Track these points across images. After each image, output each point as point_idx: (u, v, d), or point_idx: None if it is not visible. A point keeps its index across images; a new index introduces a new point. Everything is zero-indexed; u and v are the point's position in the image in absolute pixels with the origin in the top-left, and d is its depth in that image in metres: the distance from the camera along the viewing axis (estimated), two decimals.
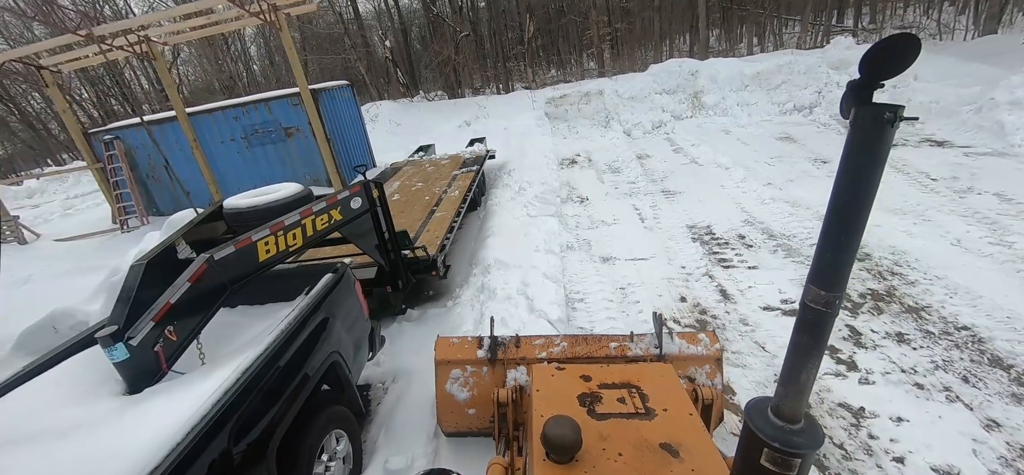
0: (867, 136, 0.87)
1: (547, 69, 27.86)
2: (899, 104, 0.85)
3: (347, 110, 9.79)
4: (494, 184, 9.17)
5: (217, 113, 8.63)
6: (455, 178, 7.48)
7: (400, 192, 7.04)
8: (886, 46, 0.83)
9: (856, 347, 3.67)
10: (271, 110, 8.54)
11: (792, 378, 1.02)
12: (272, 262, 3.00)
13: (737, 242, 5.66)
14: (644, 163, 9.91)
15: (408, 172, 8.43)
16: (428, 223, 5.45)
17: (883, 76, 0.86)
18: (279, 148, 8.84)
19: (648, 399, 2.04)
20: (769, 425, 1.04)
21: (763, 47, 21.84)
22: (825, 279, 0.95)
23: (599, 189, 8.52)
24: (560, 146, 12.54)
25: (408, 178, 7.92)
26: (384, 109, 19.20)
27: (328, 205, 3.42)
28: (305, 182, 9.51)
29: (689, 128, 12.53)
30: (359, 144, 10.24)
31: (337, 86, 9.36)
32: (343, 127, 9.47)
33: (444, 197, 6.45)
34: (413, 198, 6.65)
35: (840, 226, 0.94)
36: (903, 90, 12.19)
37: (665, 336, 2.77)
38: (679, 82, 14.28)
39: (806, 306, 0.98)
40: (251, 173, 9.05)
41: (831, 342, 3.74)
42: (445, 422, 2.99)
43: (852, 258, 0.95)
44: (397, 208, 6.27)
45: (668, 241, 5.96)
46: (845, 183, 0.92)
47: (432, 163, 8.88)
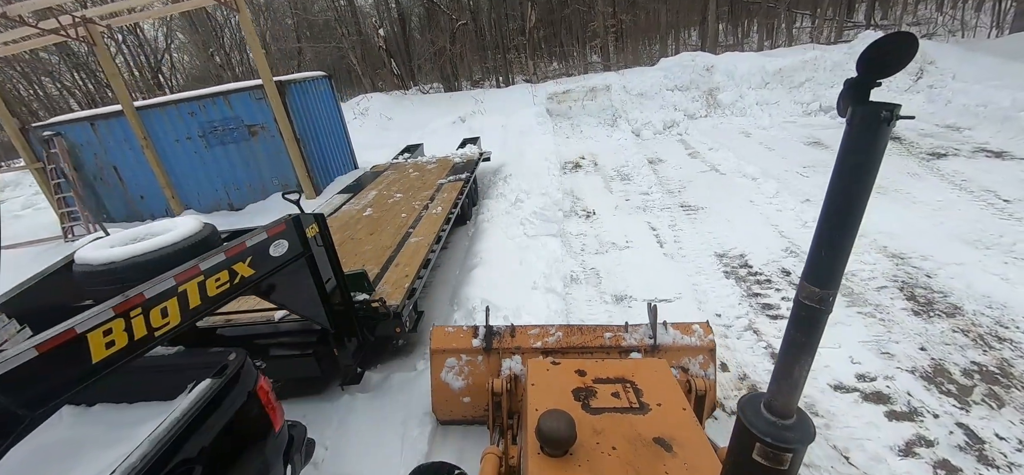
0: (863, 134, 0.86)
1: (549, 62, 26.65)
2: (895, 103, 0.82)
3: (324, 105, 8.68)
4: (488, 192, 8.08)
5: (169, 108, 7.51)
6: (441, 188, 6.40)
7: (374, 206, 5.96)
8: (883, 45, 0.81)
9: (982, 465, 2.61)
10: (231, 105, 7.44)
11: (785, 374, 1.02)
12: (119, 360, 1.93)
13: (781, 280, 4.59)
14: (657, 169, 8.82)
15: (388, 178, 7.34)
16: (400, 253, 4.37)
17: (880, 74, 0.84)
18: (242, 148, 7.76)
19: (642, 394, 2.05)
20: (761, 420, 1.05)
21: (773, 42, 20.71)
22: (820, 276, 0.95)
23: (607, 201, 7.43)
24: (562, 147, 11.43)
25: (387, 187, 6.83)
26: (375, 102, 18.06)
27: (229, 257, 2.34)
28: (274, 188, 8.46)
29: (704, 129, 11.42)
30: (338, 143, 9.15)
31: (310, 77, 8.25)
32: (318, 124, 8.37)
33: (425, 214, 5.38)
34: (388, 215, 5.57)
35: (836, 224, 0.92)
36: (940, 90, 11.10)
37: (659, 327, 2.78)
38: (692, 78, 13.15)
39: (800, 303, 0.99)
40: (211, 176, 7.97)
41: (945, 456, 2.68)
42: (440, 410, 3.01)
43: (847, 255, 0.93)
44: (366, 228, 5.19)
45: (695, 275, 4.89)
46: (841, 181, 0.90)
47: (417, 167, 7.79)
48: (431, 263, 4.28)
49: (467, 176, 6.74)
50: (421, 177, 7.15)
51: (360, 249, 4.61)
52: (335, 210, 6.07)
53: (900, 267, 4.51)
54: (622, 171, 8.99)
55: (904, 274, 4.40)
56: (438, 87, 22.14)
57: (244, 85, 7.42)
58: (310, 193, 7.80)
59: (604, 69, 19.25)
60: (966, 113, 9.75)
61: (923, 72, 11.71)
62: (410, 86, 22.60)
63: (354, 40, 24.08)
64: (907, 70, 12.02)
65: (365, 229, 5.18)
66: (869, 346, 3.54)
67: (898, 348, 3.48)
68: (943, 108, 10.49)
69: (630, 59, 21.11)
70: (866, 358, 3.42)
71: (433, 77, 24.13)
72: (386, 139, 15.14)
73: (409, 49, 24.07)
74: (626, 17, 23.20)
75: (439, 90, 21.46)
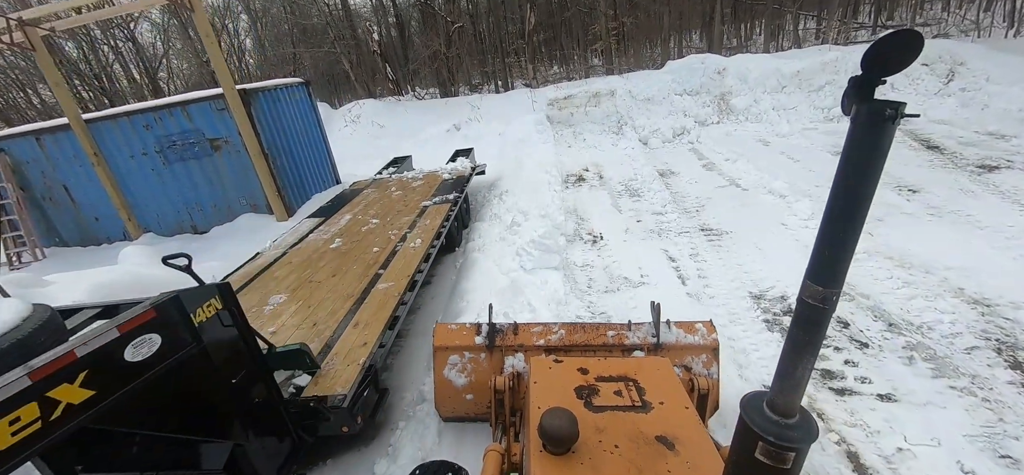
0: (868, 132, 0.85)
1: (549, 65, 25.85)
2: (900, 101, 0.83)
3: (300, 115, 7.84)
4: (481, 212, 7.21)
5: (122, 120, 6.66)
6: (424, 212, 5.53)
7: (345, 235, 5.09)
8: (888, 42, 0.81)
9: None
10: (190, 117, 6.60)
11: (788, 373, 1.02)
12: None
13: (840, 334, 3.69)
14: (670, 183, 7.94)
15: (367, 198, 6.47)
16: (363, 305, 3.49)
17: (885, 72, 0.82)
18: (204, 164, 6.91)
19: (645, 392, 2.04)
20: (764, 419, 1.05)
21: (779, 44, 19.94)
22: (823, 275, 0.95)
23: (616, 222, 6.55)
24: (564, 157, 10.56)
25: (364, 209, 5.96)
26: (367, 109, 17.23)
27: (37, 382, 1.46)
28: (242, 208, 7.61)
29: (717, 137, 10.54)
30: (316, 157, 8.29)
31: (284, 85, 7.42)
32: (292, 136, 7.52)
33: (401, 248, 4.50)
34: (358, 247, 4.70)
35: (840, 223, 0.91)
36: (974, 93, 10.21)
37: (662, 325, 2.76)
38: (702, 81, 12.29)
39: (804, 302, 0.98)
40: (171, 196, 7.12)
41: None
42: (442, 407, 2.99)
43: (850, 255, 0.93)
44: (330, 265, 4.31)
45: (729, 323, 4.00)
46: (845, 180, 0.90)
47: (401, 184, 6.93)
48: (400, 321, 3.39)
49: (455, 197, 5.87)
50: (404, 197, 6.29)
51: (316, 297, 3.74)
52: (300, 239, 5.21)
53: (988, 319, 3.62)
54: (631, 185, 8.12)
55: (996, 329, 3.50)
56: (435, 92, 21.34)
57: (204, 94, 6.58)
58: (281, 214, 6.94)
59: (607, 73, 18.41)
60: (1008, 118, 8.87)
61: (954, 74, 10.83)
62: (406, 92, 21.81)
63: (349, 45, 23.32)
64: (936, 72, 11.16)
65: (329, 267, 4.31)
66: (980, 443, 2.64)
67: (1022, 449, 2.59)
68: (980, 113, 9.61)
69: (632, 62, 20.31)
70: (983, 467, 2.51)
71: (430, 82, 23.35)
72: (377, 148, 14.31)
73: (407, 53, 23.30)
74: (628, 19, 22.43)
75: (435, 95, 20.66)
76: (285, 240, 5.27)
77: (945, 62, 11.13)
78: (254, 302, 3.81)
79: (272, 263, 4.64)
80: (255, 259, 4.89)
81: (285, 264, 4.57)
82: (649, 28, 23.16)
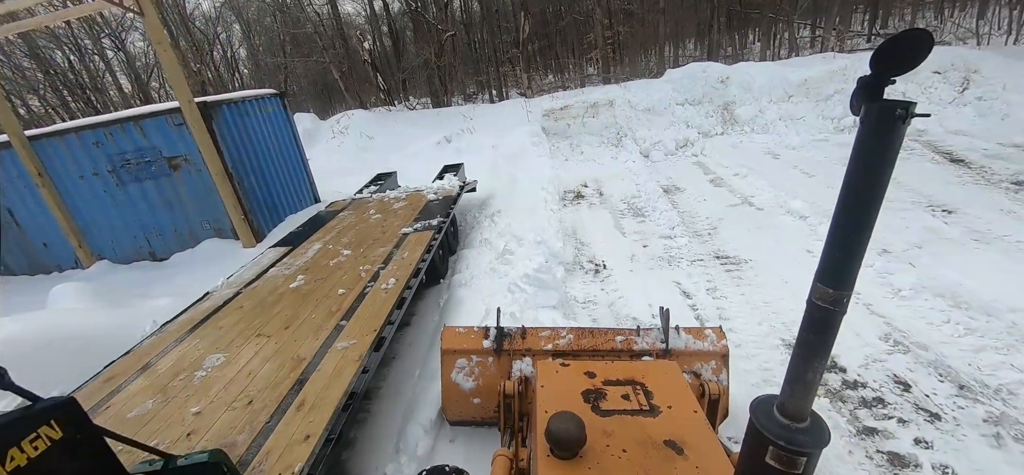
0: (878, 133, 0.85)
1: (544, 74, 25.40)
2: (910, 100, 0.81)
3: (272, 129, 7.16)
4: (470, 236, 6.53)
5: (70, 137, 5.94)
6: (403, 241, 4.85)
7: (310, 270, 4.40)
8: (898, 42, 0.81)
9: None
10: (145, 133, 5.91)
11: (798, 376, 1.01)
12: None
13: (901, 398, 3.03)
14: (676, 201, 7.31)
15: (342, 222, 5.80)
16: (313, 375, 2.80)
17: (894, 72, 0.82)
18: (162, 185, 6.20)
19: (653, 396, 2.02)
20: (774, 423, 1.04)
21: (775, 53, 19.64)
22: (833, 277, 0.94)
23: (620, 247, 5.90)
24: (561, 171, 9.94)
25: (336, 236, 5.28)
26: (355, 119, 16.57)
27: None
28: (206, 233, 6.88)
29: (723, 149, 9.96)
30: (292, 175, 7.60)
31: (253, 97, 6.74)
32: (263, 153, 6.84)
33: (371, 289, 3.82)
34: (322, 287, 4.01)
35: (850, 224, 0.91)
36: (992, 102, 9.71)
37: (671, 331, 2.72)
38: (705, 91, 11.75)
39: (814, 304, 0.97)
40: (127, 220, 6.41)
41: None
42: (450, 411, 2.97)
43: (861, 256, 0.92)
44: (284, 314, 3.62)
45: (763, 384, 3.33)
46: (855, 181, 0.90)
47: (381, 206, 6.25)
48: (359, 397, 2.69)
49: (440, 223, 5.19)
50: (383, 222, 5.61)
51: (260, 358, 3.05)
52: (259, 275, 4.51)
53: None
54: (634, 203, 7.48)
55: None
56: (427, 102, 20.77)
57: (159, 108, 5.89)
58: (248, 240, 6.24)
59: (604, 82, 17.89)
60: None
61: (969, 82, 10.33)
62: (397, 102, 21.21)
63: (339, 54, 22.74)
64: (950, 80, 10.66)
65: (284, 314, 3.62)
66: None
67: None
68: (1000, 123, 9.09)
69: (628, 71, 19.87)
70: None
71: (424, 91, 22.79)
72: (364, 161, 13.65)
73: (400, 63, 22.74)
74: (623, 28, 22.06)
75: (428, 105, 20.07)
76: (242, 276, 4.57)
77: (959, 69, 10.64)
78: (185, 365, 3.11)
79: (220, 307, 3.95)
80: (203, 301, 4.19)
81: (235, 309, 3.87)
82: (644, 37, 22.82)
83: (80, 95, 24.93)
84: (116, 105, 25.26)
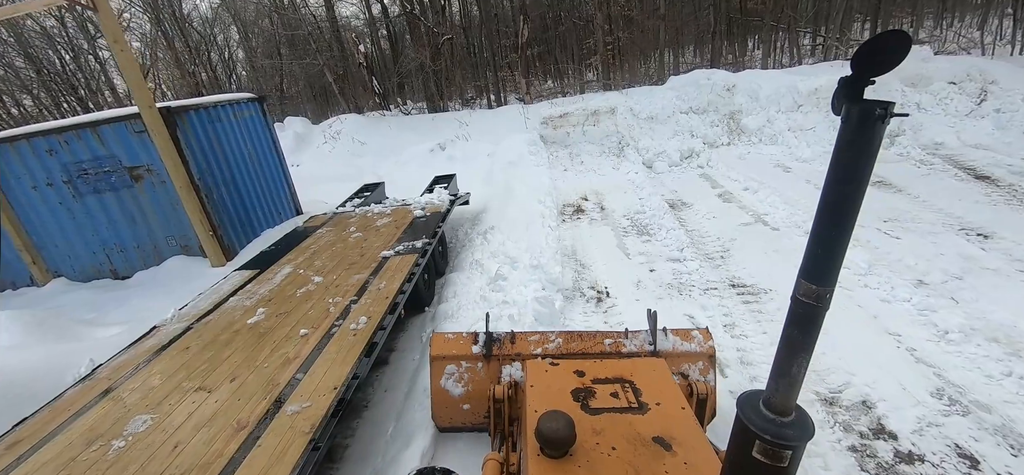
0: (858, 133, 0.87)
1: (543, 79, 24.99)
2: (889, 100, 0.84)
3: (248, 137, 6.61)
4: (459, 257, 5.99)
5: (21, 143, 5.37)
6: (383, 266, 4.32)
7: (273, 303, 3.86)
8: (877, 43, 0.84)
9: None
10: (103, 140, 5.36)
11: (783, 371, 1.03)
12: None
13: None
14: (684, 218, 6.80)
15: (319, 241, 5.26)
16: (251, 454, 2.25)
17: (874, 72, 0.85)
18: (123, 197, 5.65)
19: (641, 393, 2.02)
20: (760, 417, 1.05)
21: (775, 60, 19.31)
22: (816, 274, 0.97)
23: (624, 271, 5.38)
24: (560, 182, 9.43)
25: (309, 259, 4.74)
26: (348, 124, 16.05)
27: None
28: (172, 250, 6.31)
29: (730, 160, 9.48)
30: (271, 186, 7.05)
31: (227, 102, 6.21)
32: (237, 163, 6.30)
33: (338, 329, 3.28)
34: (281, 325, 3.48)
35: (831, 222, 0.94)
36: (1011, 114, 9.27)
37: (659, 333, 2.75)
38: (710, 99, 11.28)
39: (797, 300, 1.00)
40: (85, 234, 5.85)
41: None
42: (440, 417, 2.95)
43: (843, 253, 0.95)
44: (233, 361, 3.08)
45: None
46: (836, 179, 0.93)
47: (363, 223, 5.72)
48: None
49: (425, 245, 4.66)
50: (363, 241, 5.08)
51: (193, 423, 2.50)
52: (216, 305, 3.97)
53: None
54: (638, 220, 6.97)
55: None
56: (423, 107, 20.27)
57: (118, 114, 5.34)
58: (217, 259, 5.69)
59: (604, 88, 17.43)
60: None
61: (986, 93, 9.89)
62: (392, 107, 20.70)
63: (334, 56, 22.25)
64: (966, 91, 10.22)
65: (234, 360, 3.08)
66: None
67: None
68: (1022, 138, 8.64)
69: (628, 77, 19.46)
70: None
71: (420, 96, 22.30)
72: (356, 167, 13.13)
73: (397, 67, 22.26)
74: (623, 34, 21.68)
75: (424, 110, 19.57)
76: (197, 306, 4.02)
77: (975, 80, 10.22)
78: (105, 429, 2.57)
79: (165, 346, 3.41)
80: (148, 337, 3.64)
81: (181, 350, 3.33)
82: (644, 43, 22.45)
83: (73, 95, 24.47)
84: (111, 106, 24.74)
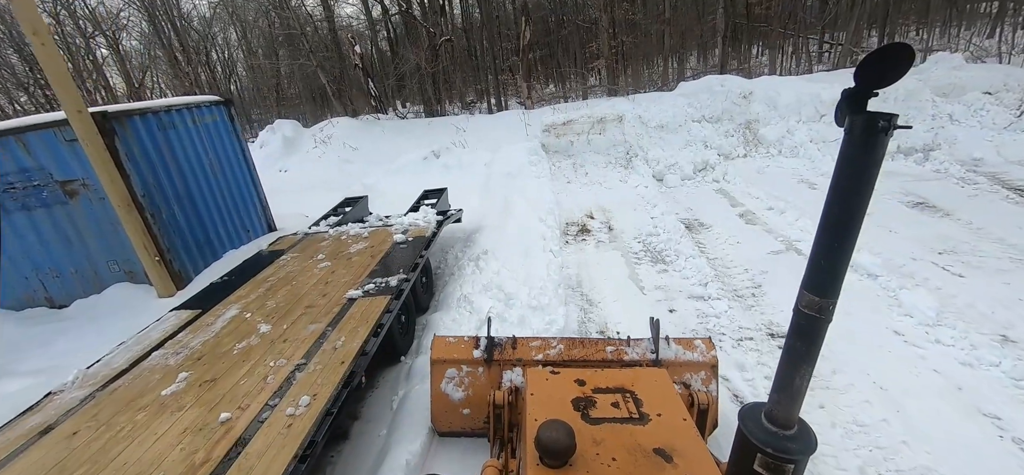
0: (862, 144, 0.88)
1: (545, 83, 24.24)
2: (892, 113, 0.83)
3: (209, 145, 5.80)
4: (446, 291, 5.16)
5: None
6: (348, 311, 3.52)
7: (201, 362, 3.06)
8: (880, 56, 0.84)
9: None
10: (29, 150, 4.55)
11: (785, 384, 1.05)
12: None
13: None
14: (704, 243, 6.00)
15: (281, 271, 4.46)
16: None
17: (877, 84, 0.86)
18: (57, 216, 4.84)
19: (642, 404, 2.01)
20: (762, 430, 1.09)
21: (782, 67, 18.64)
22: (819, 286, 0.99)
23: (639, 309, 4.56)
24: (563, 196, 8.63)
25: (261, 298, 3.93)
26: (340, 129, 15.29)
27: None
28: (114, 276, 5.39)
29: (748, 174, 8.68)
30: (236, 201, 6.23)
31: (182, 106, 5.40)
32: (193, 176, 5.50)
33: (271, 415, 2.48)
34: (201, 400, 2.68)
35: (834, 234, 0.95)
36: None
37: (661, 341, 2.72)
38: (725, 107, 10.49)
39: (800, 312, 1.02)
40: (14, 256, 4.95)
41: None
42: (439, 422, 2.93)
43: (846, 265, 0.94)
44: (115, 470, 2.27)
45: None
46: (840, 191, 0.94)
47: (335, 248, 4.93)
48: None
49: (400, 285, 3.86)
50: (330, 273, 4.28)
51: None
52: (134, 363, 3.16)
53: None
54: (651, 243, 6.16)
55: None
56: (420, 111, 19.50)
57: (47, 119, 4.52)
58: (165, 288, 4.89)
59: (610, 94, 16.69)
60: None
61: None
62: (388, 110, 19.93)
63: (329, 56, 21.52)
64: (1004, 102, 9.44)
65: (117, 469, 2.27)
66: None
67: None
68: None
69: (632, 82, 18.75)
70: None
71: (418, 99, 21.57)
72: (346, 174, 12.36)
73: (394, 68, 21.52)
74: (627, 38, 20.97)
75: (421, 115, 18.80)
76: (110, 363, 3.22)
77: (1012, 90, 9.44)
78: None
79: (53, 426, 2.60)
80: (38, 408, 2.84)
81: (65, 435, 2.53)
82: (648, 48, 21.76)
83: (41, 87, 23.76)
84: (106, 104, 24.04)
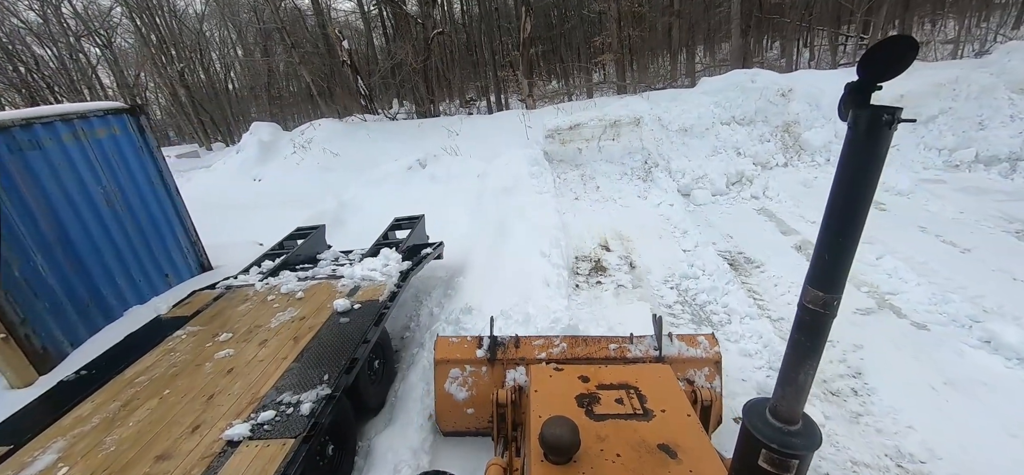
0: (865, 138, 0.85)
1: (548, 80, 22.72)
2: (896, 106, 0.82)
3: (106, 167, 4.36)
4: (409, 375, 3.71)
5: None
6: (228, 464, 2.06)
7: None
8: (884, 48, 0.81)
9: None
10: None
11: (790, 379, 1.01)
12: None
13: None
14: (755, 288, 4.53)
15: (156, 366, 3.04)
16: None
17: (881, 77, 0.84)
18: None
19: (646, 400, 2.01)
20: (767, 426, 1.04)
21: (799, 61, 17.16)
22: (823, 281, 0.96)
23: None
24: (570, 216, 7.16)
25: (96, 432, 2.50)
26: (322, 132, 13.85)
27: None
28: None
29: (793, 189, 7.19)
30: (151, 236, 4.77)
31: (60, 117, 3.98)
32: (79, 209, 4.08)
33: None
34: None
35: (838, 228, 0.93)
36: None
37: (664, 338, 2.72)
38: (758, 106, 8.98)
39: (804, 307, 0.98)
40: None
41: None
42: (443, 421, 2.91)
43: (850, 260, 0.92)
44: None
45: None
46: (843, 185, 0.91)
47: (255, 315, 3.50)
48: None
49: (318, 407, 2.42)
50: (228, 369, 2.85)
51: None
52: None
53: None
54: (687, 291, 4.69)
55: None
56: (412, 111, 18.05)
57: None
58: (20, 374, 3.43)
59: (619, 91, 15.17)
60: None
61: None
62: (378, 111, 18.48)
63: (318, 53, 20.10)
64: None
65: None
66: None
67: None
68: None
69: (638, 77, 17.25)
70: None
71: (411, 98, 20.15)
72: (324, 184, 10.92)
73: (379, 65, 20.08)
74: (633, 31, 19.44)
75: (412, 115, 17.35)
76: None
77: None
78: None
79: None
80: None
81: None
82: (654, 42, 20.28)
83: (60, 93, 22.87)
84: None
